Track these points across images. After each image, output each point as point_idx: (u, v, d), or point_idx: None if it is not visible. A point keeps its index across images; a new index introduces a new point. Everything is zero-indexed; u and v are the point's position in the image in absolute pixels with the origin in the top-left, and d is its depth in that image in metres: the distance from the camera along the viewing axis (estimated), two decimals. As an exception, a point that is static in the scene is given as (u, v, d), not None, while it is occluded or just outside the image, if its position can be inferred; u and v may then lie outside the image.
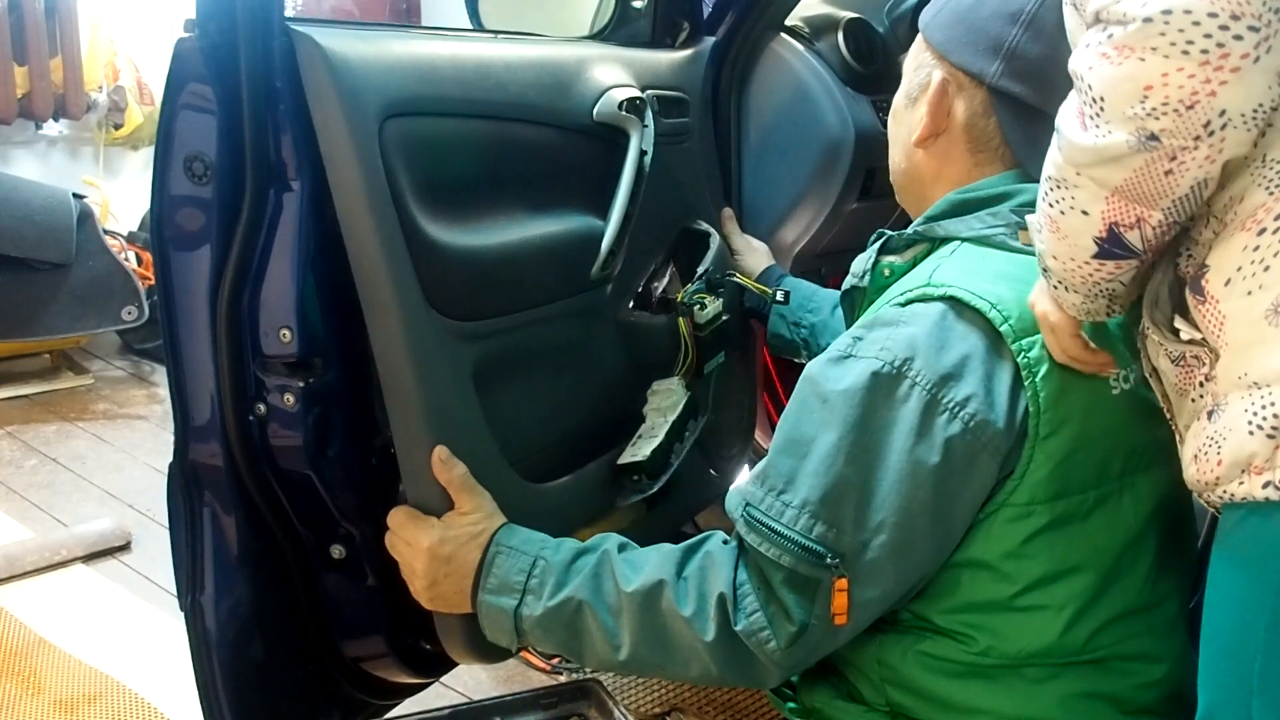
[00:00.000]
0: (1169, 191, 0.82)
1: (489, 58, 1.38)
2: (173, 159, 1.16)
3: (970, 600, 1.08)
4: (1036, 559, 1.05)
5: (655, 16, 1.74)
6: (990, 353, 1.04)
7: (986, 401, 1.02)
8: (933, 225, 1.17)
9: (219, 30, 1.12)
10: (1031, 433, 1.03)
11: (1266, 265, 0.82)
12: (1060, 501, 1.05)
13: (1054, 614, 1.06)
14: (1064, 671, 1.08)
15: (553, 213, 1.43)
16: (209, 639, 1.23)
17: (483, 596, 1.16)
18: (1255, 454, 0.82)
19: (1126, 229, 0.86)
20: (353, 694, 1.37)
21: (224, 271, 1.18)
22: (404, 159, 1.19)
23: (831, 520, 1.02)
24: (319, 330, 1.20)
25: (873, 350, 1.05)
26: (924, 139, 1.22)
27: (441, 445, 1.19)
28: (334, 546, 1.29)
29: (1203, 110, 0.76)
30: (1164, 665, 1.10)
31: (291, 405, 1.19)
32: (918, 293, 1.08)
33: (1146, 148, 0.79)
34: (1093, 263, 0.90)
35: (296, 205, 1.18)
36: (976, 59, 1.16)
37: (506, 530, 1.19)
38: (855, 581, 1.03)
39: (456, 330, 1.25)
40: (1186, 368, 0.91)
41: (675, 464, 1.54)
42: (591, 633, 1.12)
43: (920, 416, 1.02)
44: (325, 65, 1.12)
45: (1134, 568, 1.10)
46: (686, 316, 1.60)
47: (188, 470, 1.23)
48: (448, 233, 1.25)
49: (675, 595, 1.07)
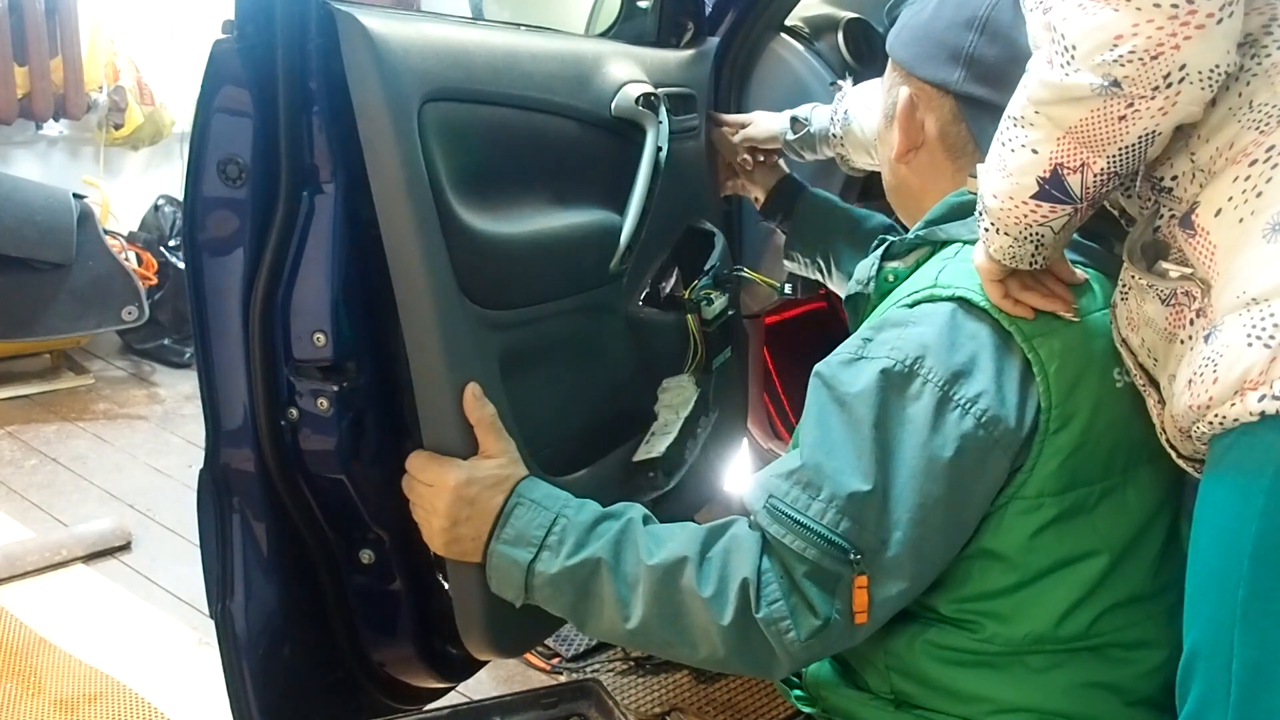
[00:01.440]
0: (1118, 138, 0.88)
1: (517, 48, 1.38)
2: (206, 161, 1.16)
3: (980, 591, 1.10)
4: (1045, 549, 1.07)
5: (660, 16, 1.75)
6: (1000, 350, 1.06)
7: (998, 397, 1.04)
8: (934, 229, 1.19)
9: (257, 31, 1.12)
10: (1042, 428, 1.05)
11: (1259, 191, 0.86)
12: (1069, 494, 1.07)
13: (1059, 599, 1.08)
14: (1067, 660, 1.09)
15: (574, 205, 1.43)
16: (239, 644, 1.23)
17: (497, 545, 1.15)
18: (1252, 366, 0.84)
19: (1069, 172, 0.93)
20: (379, 698, 1.37)
21: (257, 275, 1.17)
22: (441, 144, 1.19)
23: (856, 516, 1.03)
24: (353, 334, 1.19)
25: (883, 350, 1.06)
26: (902, 155, 1.26)
27: (474, 383, 1.18)
28: (363, 551, 1.29)
29: (1165, 62, 0.83)
30: (1164, 651, 1.10)
31: (325, 409, 1.19)
32: (925, 293, 1.10)
33: (1108, 93, 0.86)
34: (1030, 203, 0.96)
35: (331, 207, 1.17)
36: (939, 70, 1.20)
37: (529, 482, 1.19)
38: (874, 579, 1.04)
39: (486, 319, 1.25)
40: (1177, 306, 0.95)
41: (690, 460, 1.55)
42: (603, 599, 1.12)
43: (933, 413, 1.03)
44: (367, 45, 1.11)
45: (1138, 557, 1.11)
46: (695, 313, 1.60)
47: (218, 475, 1.23)
48: (479, 220, 1.24)
49: (697, 574, 1.07)
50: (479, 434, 1.19)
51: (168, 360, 4.14)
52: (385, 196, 1.13)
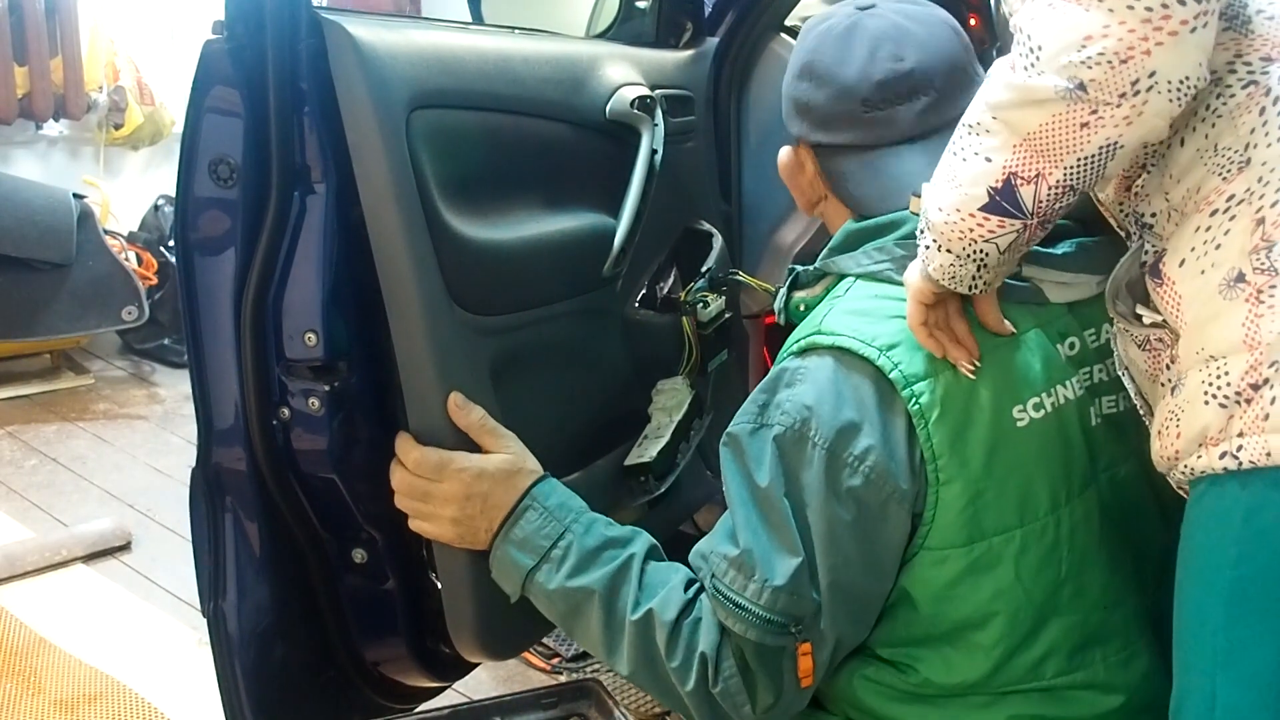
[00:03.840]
0: (1078, 148, 0.85)
1: (508, 52, 1.38)
2: (197, 162, 1.16)
3: (906, 635, 1.08)
4: (961, 601, 1.05)
5: (659, 16, 1.75)
6: (883, 401, 1.04)
7: (885, 452, 1.02)
8: (829, 261, 1.18)
9: (247, 32, 1.12)
10: (931, 479, 1.02)
11: (1218, 244, 0.85)
12: (978, 545, 1.04)
13: (985, 652, 1.05)
14: (1009, 698, 1.07)
15: (566, 209, 1.43)
16: (231, 644, 1.23)
17: (504, 544, 1.16)
18: (1210, 424, 0.84)
19: (1023, 183, 0.88)
20: (372, 698, 1.37)
21: (248, 275, 1.17)
22: (429, 151, 1.19)
23: (792, 590, 1.03)
24: (344, 333, 1.19)
25: (775, 416, 1.06)
26: (808, 210, 1.28)
27: (455, 392, 1.18)
28: (355, 550, 1.29)
29: (1134, 67, 0.80)
30: (1119, 696, 1.07)
31: (316, 409, 1.19)
32: (809, 340, 1.09)
33: (1072, 96, 0.82)
34: (978, 215, 0.92)
35: (322, 208, 1.17)
36: (794, 124, 1.22)
37: (547, 486, 1.19)
38: (816, 643, 1.05)
39: (476, 325, 1.25)
40: (1153, 351, 0.94)
41: (681, 464, 1.55)
42: (590, 628, 1.13)
43: (825, 475, 1.03)
44: (355, 54, 1.12)
45: (1081, 598, 1.07)
46: (690, 315, 1.60)
47: (210, 475, 1.23)
48: (469, 226, 1.24)
49: (667, 641, 1.08)
50: (475, 438, 1.19)
51: (168, 360, 4.16)
52: (374, 205, 1.14)
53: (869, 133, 1.15)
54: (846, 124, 1.16)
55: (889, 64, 1.13)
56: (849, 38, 1.15)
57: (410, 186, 1.15)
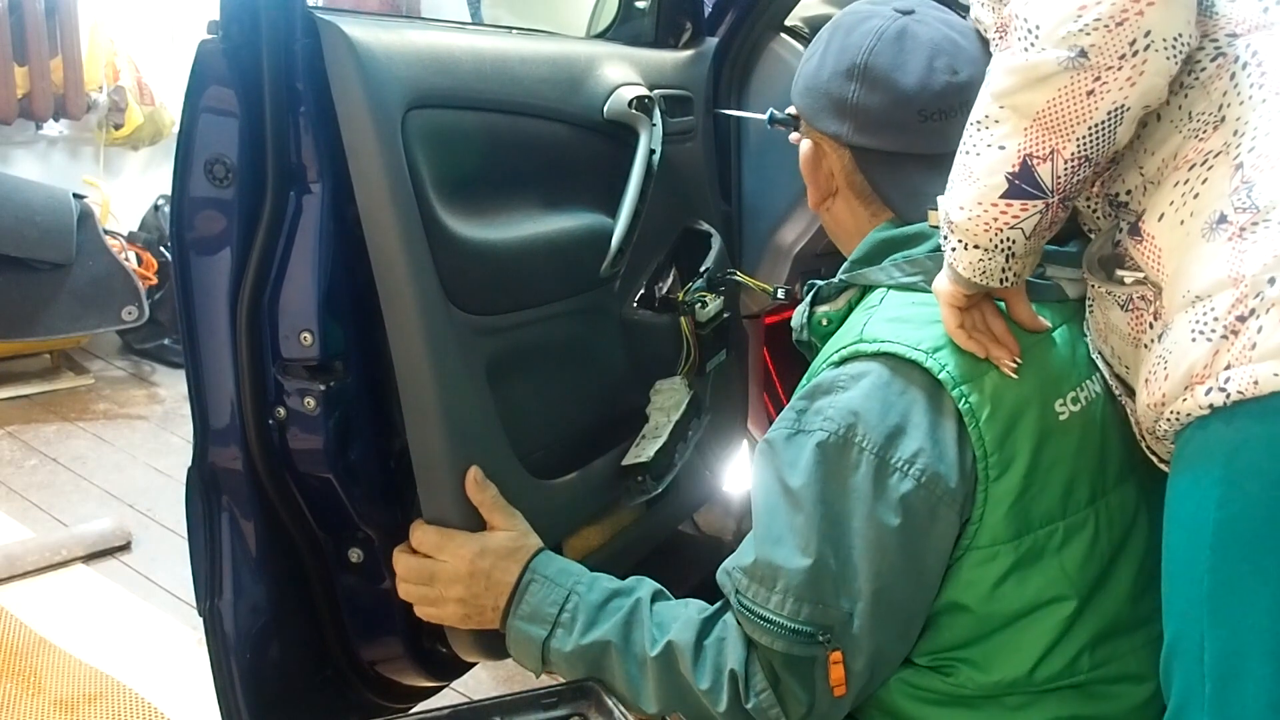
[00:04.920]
0: (1087, 116, 0.88)
1: (505, 52, 1.38)
2: (193, 162, 1.16)
3: (950, 642, 1.09)
4: (1009, 597, 1.06)
5: (658, 16, 1.74)
6: (932, 403, 1.04)
7: (935, 454, 1.03)
8: (857, 273, 1.18)
9: (242, 32, 1.12)
10: (982, 477, 1.03)
11: (1196, 193, 0.88)
12: (1025, 539, 1.05)
13: (1031, 645, 1.06)
14: (1044, 698, 1.08)
15: (563, 209, 1.43)
16: (227, 644, 1.23)
17: (514, 621, 1.18)
18: (1197, 361, 0.85)
19: (1039, 162, 0.91)
20: (369, 697, 1.37)
21: (244, 274, 1.17)
22: (425, 151, 1.19)
23: (816, 598, 1.03)
24: (340, 333, 1.19)
25: (817, 422, 1.06)
26: (818, 205, 1.27)
27: (476, 467, 1.20)
28: (352, 550, 1.29)
29: (1130, 28, 0.84)
30: (1150, 684, 1.08)
31: (312, 409, 1.19)
32: (851, 349, 1.08)
33: (1075, 65, 0.86)
34: (1000, 203, 0.94)
35: (318, 207, 1.17)
36: (830, 122, 1.20)
37: (544, 557, 1.20)
38: (848, 652, 1.04)
39: (472, 325, 1.25)
40: (1135, 311, 0.97)
41: (679, 464, 1.55)
42: (616, 676, 1.14)
43: (874, 481, 1.03)
44: (351, 54, 1.12)
45: (1112, 591, 1.09)
46: (688, 315, 1.60)
47: (206, 474, 1.23)
48: (465, 226, 1.25)
49: (693, 666, 1.09)
50: (485, 514, 1.21)
51: (168, 360, 4.15)
52: (369, 206, 1.14)
53: (922, 142, 1.15)
54: (898, 131, 1.15)
55: (946, 76, 1.14)
56: (902, 43, 1.15)
57: (406, 186, 1.15)
